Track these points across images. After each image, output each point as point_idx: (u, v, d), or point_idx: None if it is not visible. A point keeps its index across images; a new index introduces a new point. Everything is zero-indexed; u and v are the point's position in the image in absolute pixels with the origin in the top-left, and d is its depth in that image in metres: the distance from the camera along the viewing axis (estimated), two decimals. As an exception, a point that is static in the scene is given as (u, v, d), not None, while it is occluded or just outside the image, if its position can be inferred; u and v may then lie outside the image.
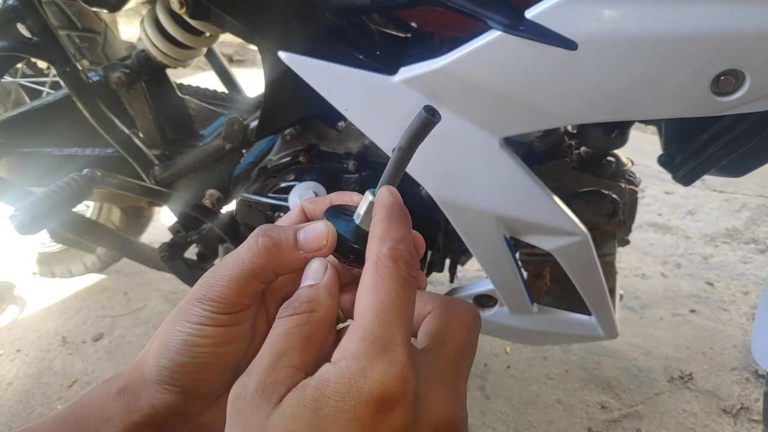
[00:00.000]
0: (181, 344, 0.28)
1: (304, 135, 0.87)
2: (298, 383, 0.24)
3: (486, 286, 0.77)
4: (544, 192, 0.63)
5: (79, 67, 0.81)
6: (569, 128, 0.88)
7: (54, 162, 0.96)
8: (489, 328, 0.83)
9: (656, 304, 1.60)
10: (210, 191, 0.86)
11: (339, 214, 0.31)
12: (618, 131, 0.78)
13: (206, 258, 0.97)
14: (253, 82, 1.36)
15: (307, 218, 0.33)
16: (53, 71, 0.90)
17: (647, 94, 0.52)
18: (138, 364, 0.30)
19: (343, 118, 0.83)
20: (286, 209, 0.81)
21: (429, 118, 0.27)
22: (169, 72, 0.93)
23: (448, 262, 0.93)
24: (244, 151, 0.87)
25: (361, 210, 0.30)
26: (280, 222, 0.33)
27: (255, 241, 0.28)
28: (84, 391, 0.31)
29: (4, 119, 0.95)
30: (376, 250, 0.26)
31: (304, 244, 0.29)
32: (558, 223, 0.65)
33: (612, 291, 0.81)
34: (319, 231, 0.29)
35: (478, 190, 0.62)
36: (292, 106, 0.74)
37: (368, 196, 0.29)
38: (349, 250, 0.29)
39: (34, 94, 1.22)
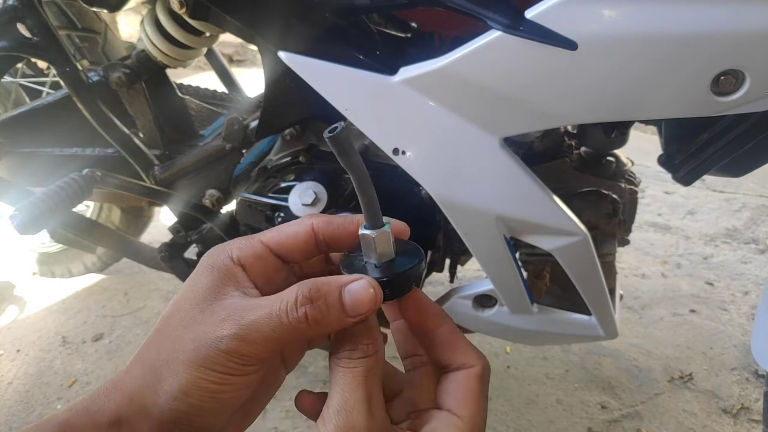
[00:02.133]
0: (206, 392, 0.27)
1: (304, 135, 0.87)
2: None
3: (486, 286, 0.77)
4: (544, 192, 0.63)
5: (79, 67, 0.81)
6: (569, 128, 0.88)
7: (54, 162, 0.96)
8: (489, 328, 0.83)
9: (656, 304, 1.60)
10: (210, 191, 0.86)
11: (353, 262, 0.32)
12: (618, 131, 0.78)
13: (206, 258, 0.97)
14: (253, 82, 1.36)
15: (316, 239, 0.32)
16: (53, 71, 0.90)
17: (647, 94, 0.52)
18: (131, 399, 0.28)
19: (343, 118, 0.83)
20: (286, 209, 0.81)
21: (335, 135, 0.27)
22: (169, 72, 0.93)
23: (448, 262, 0.93)
24: (244, 151, 0.87)
25: (369, 252, 0.31)
26: (281, 236, 0.32)
27: (302, 312, 0.27)
28: (85, 391, 0.30)
29: (4, 119, 0.95)
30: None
31: (352, 310, 0.28)
32: (558, 223, 0.64)
33: (612, 291, 0.81)
34: (368, 295, 0.28)
35: (478, 190, 0.62)
36: (292, 106, 0.74)
37: (365, 234, 0.30)
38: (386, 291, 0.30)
39: (34, 94, 1.22)
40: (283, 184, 0.84)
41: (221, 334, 0.27)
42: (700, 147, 0.66)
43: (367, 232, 0.30)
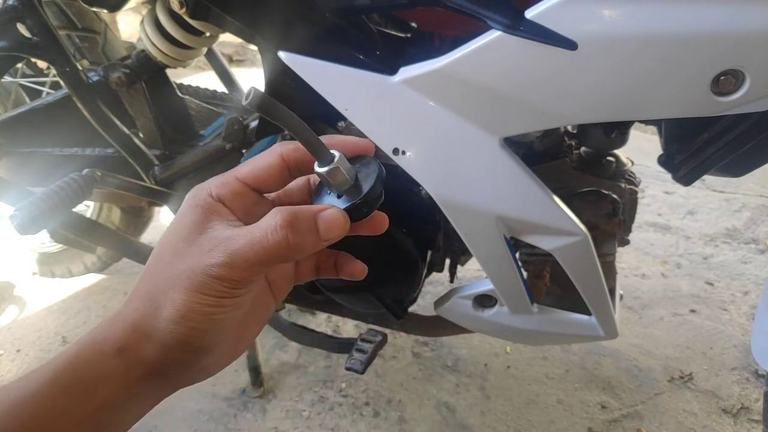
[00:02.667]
0: (199, 313, 0.30)
1: (304, 135, 0.87)
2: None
3: (486, 286, 0.77)
4: (544, 192, 0.63)
5: (79, 67, 0.81)
6: (569, 128, 0.88)
7: (54, 162, 0.96)
8: (489, 328, 0.83)
9: (656, 304, 1.60)
10: (210, 191, 0.86)
11: (321, 194, 0.35)
12: (618, 131, 0.78)
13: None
14: (252, 82, 1.36)
15: (288, 166, 0.35)
16: (53, 71, 0.90)
17: (647, 94, 0.52)
18: (134, 328, 0.31)
19: (343, 118, 0.83)
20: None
21: (251, 101, 0.29)
22: (169, 72, 0.93)
23: (448, 261, 0.93)
24: (244, 150, 0.87)
25: (330, 186, 0.34)
26: (254, 167, 0.35)
27: (283, 234, 0.30)
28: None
29: (4, 119, 0.95)
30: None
31: (325, 234, 0.31)
32: (558, 223, 0.65)
33: (612, 291, 0.81)
34: (338, 221, 0.32)
35: (478, 190, 0.63)
36: (292, 106, 0.74)
37: (318, 172, 0.33)
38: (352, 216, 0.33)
39: (34, 94, 1.22)
40: (283, 184, 0.84)
41: (211, 262, 0.30)
42: (700, 147, 0.66)
43: (320, 169, 0.32)
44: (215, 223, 0.32)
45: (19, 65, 1.20)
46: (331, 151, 0.33)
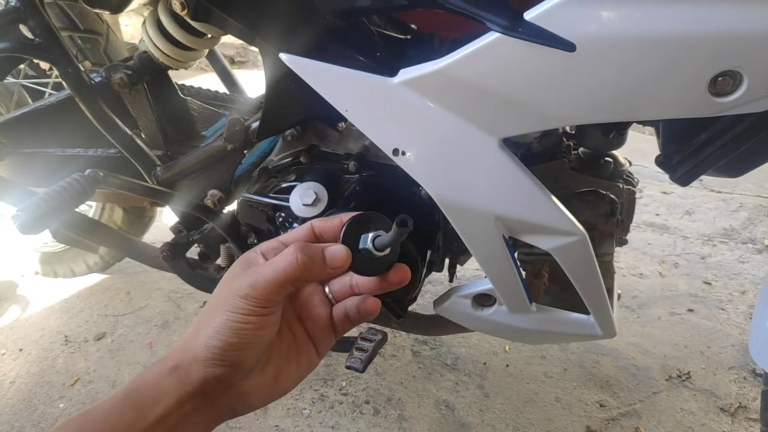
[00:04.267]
0: (230, 329, 0.37)
1: (304, 136, 0.88)
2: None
3: (485, 285, 0.77)
4: (543, 192, 0.63)
5: (82, 69, 0.81)
6: (568, 129, 0.89)
7: (56, 162, 0.97)
8: (488, 327, 0.84)
9: (654, 304, 1.61)
10: (212, 191, 0.86)
11: (352, 235, 0.42)
12: (616, 132, 0.78)
13: (208, 258, 0.98)
14: (254, 83, 1.36)
15: (315, 236, 0.43)
16: (55, 72, 0.91)
17: (645, 95, 0.53)
18: (184, 350, 0.38)
19: (344, 119, 0.84)
20: (287, 209, 0.81)
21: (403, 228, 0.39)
22: (171, 73, 0.93)
23: (447, 261, 0.94)
24: (245, 151, 0.88)
25: (367, 243, 0.41)
26: (291, 235, 0.43)
27: (294, 256, 0.38)
28: (87, 390, 0.36)
29: (7, 120, 0.95)
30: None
31: (330, 263, 0.40)
32: (556, 223, 0.65)
33: (610, 290, 0.82)
34: (342, 255, 0.40)
35: (477, 190, 0.63)
36: (293, 107, 0.75)
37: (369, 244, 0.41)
38: (359, 267, 0.42)
39: (37, 95, 1.23)
40: (284, 185, 0.84)
41: (240, 285, 0.38)
42: (698, 147, 0.66)
43: (370, 246, 0.41)
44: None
45: (22, 66, 1.21)
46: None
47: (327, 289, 0.46)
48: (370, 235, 0.41)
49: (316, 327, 0.45)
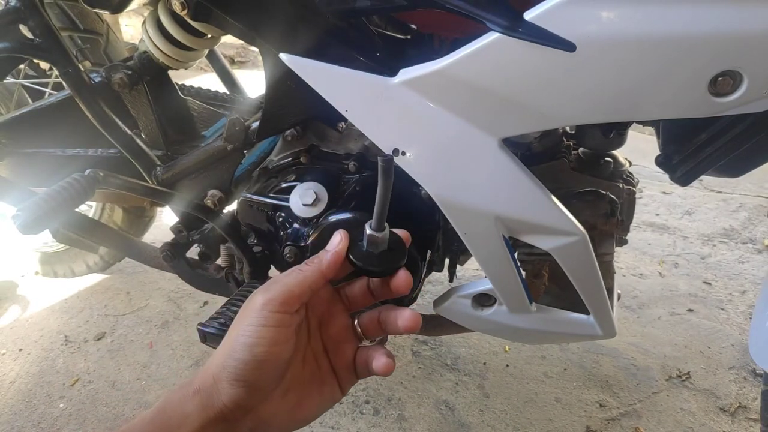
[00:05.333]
0: (244, 346, 0.37)
1: (304, 136, 0.88)
2: None
3: (485, 285, 0.77)
4: (543, 192, 0.63)
5: (82, 69, 0.81)
6: (567, 129, 0.89)
7: (56, 162, 0.97)
8: (488, 327, 0.84)
9: (654, 304, 1.61)
10: (212, 191, 0.86)
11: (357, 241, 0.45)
12: (616, 132, 0.78)
13: (208, 258, 0.98)
14: (254, 83, 1.37)
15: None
16: (55, 72, 0.91)
17: (645, 95, 0.53)
18: (206, 371, 0.38)
19: (344, 119, 0.84)
20: (287, 209, 0.81)
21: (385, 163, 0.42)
22: (171, 73, 0.93)
23: (447, 261, 0.94)
24: (245, 151, 0.88)
25: (364, 240, 0.44)
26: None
27: (296, 267, 0.42)
28: (87, 390, 0.36)
29: (7, 120, 0.95)
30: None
31: (327, 267, 0.42)
32: (556, 223, 0.65)
33: (610, 290, 0.82)
34: (336, 259, 0.43)
35: (477, 190, 0.63)
36: (293, 107, 0.75)
37: (368, 233, 0.44)
38: (359, 264, 0.44)
39: (37, 95, 1.23)
40: (284, 185, 0.84)
41: (255, 300, 0.39)
42: (698, 147, 0.66)
43: (368, 230, 0.43)
44: None
45: (22, 66, 1.21)
46: (385, 224, 0.43)
47: (356, 322, 0.47)
48: (366, 226, 0.43)
49: (341, 362, 0.45)
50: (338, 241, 0.43)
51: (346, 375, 0.45)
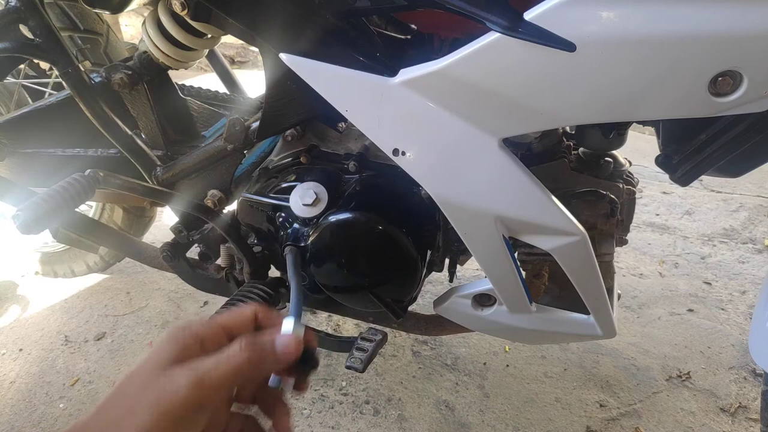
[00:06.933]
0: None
1: (305, 136, 0.88)
2: None
3: (485, 285, 0.77)
4: (543, 192, 0.63)
5: (82, 69, 0.81)
6: (567, 129, 0.89)
7: (57, 162, 0.97)
8: (488, 327, 0.84)
9: (654, 304, 1.61)
10: (212, 191, 0.86)
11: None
12: (616, 132, 0.78)
13: (208, 258, 0.98)
14: (254, 83, 1.37)
15: (256, 320, 0.41)
16: (55, 72, 0.91)
17: (645, 95, 0.53)
18: None
19: (344, 119, 0.84)
20: (287, 209, 0.81)
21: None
22: (171, 73, 0.93)
23: (447, 261, 0.94)
24: (245, 151, 0.88)
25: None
26: (232, 318, 0.40)
27: (247, 353, 0.35)
28: (87, 390, 0.34)
29: (7, 120, 0.95)
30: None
31: (282, 354, 0.37)
32: (556, 223, 0.65)
33: (610, 290, 0.82)
34: (293, 345, 0.38)
35: (477, 190, 0.63)
36: (293, 107, 0.75)
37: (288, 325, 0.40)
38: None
39: (37, 95, 1.23)
40: (285, 185, 0.84)
41: (180, 383, 0.32)
42: (698, 147, 0.66)
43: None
44: (189, 359, 0.35)
45: (22, 66, 1.21)
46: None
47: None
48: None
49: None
50: (294, 347, 0.38)
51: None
